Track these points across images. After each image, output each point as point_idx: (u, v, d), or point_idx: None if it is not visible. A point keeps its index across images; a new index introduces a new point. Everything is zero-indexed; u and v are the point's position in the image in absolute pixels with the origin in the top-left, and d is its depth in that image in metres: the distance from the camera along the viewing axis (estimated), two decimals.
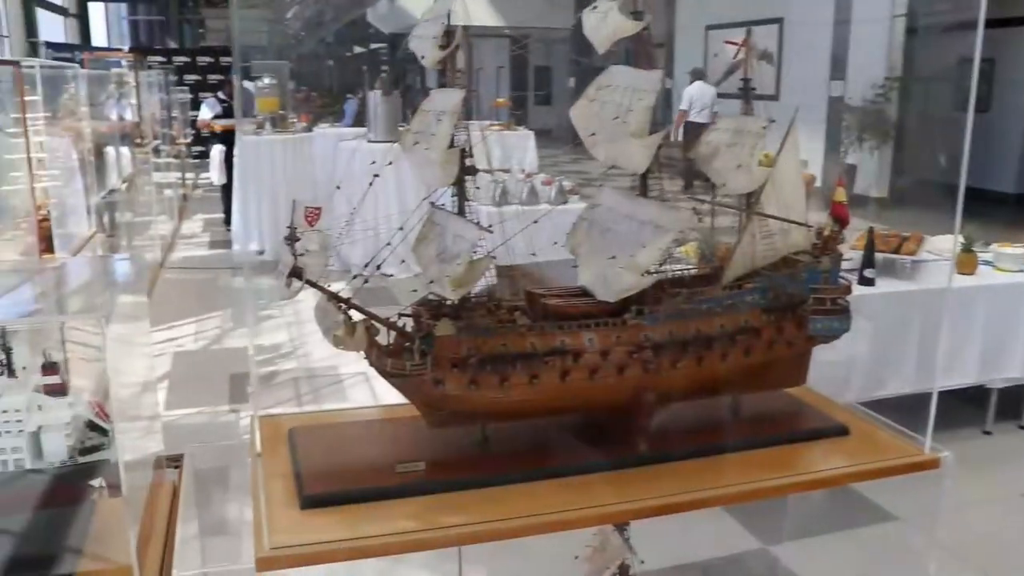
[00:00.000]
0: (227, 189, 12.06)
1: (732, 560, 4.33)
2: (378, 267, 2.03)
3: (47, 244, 5.60)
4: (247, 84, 12.71)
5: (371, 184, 2.04)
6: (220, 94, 12.56)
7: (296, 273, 1.91)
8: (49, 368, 2.28)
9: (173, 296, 9.41)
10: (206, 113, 12.20)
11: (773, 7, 14.33)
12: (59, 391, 2.27)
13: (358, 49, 28.80)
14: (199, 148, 17.03)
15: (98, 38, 27.31)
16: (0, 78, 5.92)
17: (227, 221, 12.21)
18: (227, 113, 12.04)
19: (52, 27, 22.46)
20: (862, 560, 4.30)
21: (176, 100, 16.01)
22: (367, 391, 6.29)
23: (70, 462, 2.20)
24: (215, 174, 12.05)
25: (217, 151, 11.93)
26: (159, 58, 17.99)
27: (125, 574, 2.05)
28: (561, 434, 2.38)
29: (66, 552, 2.14)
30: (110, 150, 8.88)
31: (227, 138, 11.72)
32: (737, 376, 2.37)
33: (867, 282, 4.93)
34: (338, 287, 2.06)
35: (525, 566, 3.75)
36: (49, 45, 18.19)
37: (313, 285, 1.95)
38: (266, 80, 11.61)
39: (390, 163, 2.06)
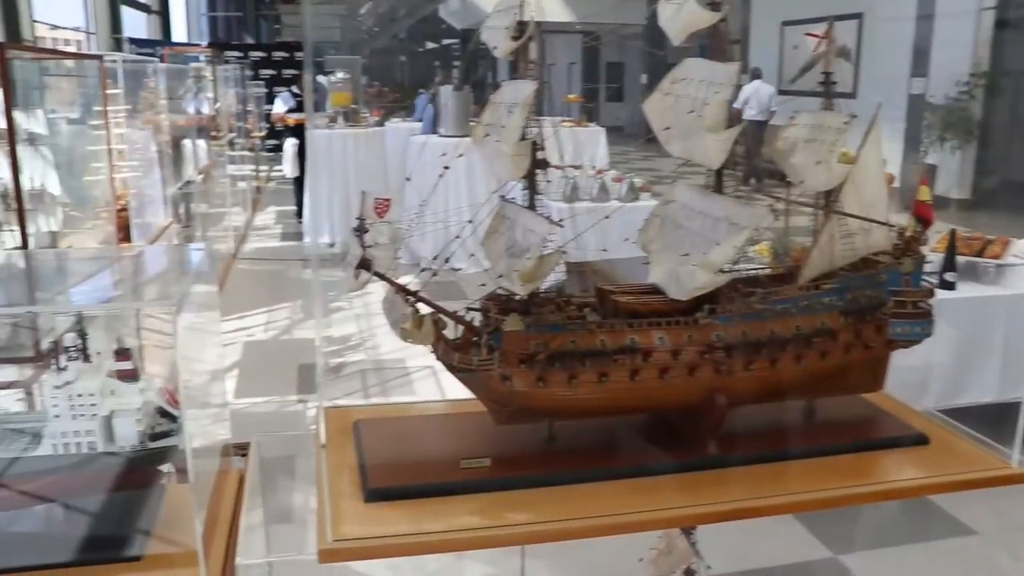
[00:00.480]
0: (299, 182, 12.23)
1: (801, 568, 4.22)
2: (447, 260, 2.00)
3: (125, 233, 5.75)
4: (320, 79, 12.89)
5: (441, 176, 2.02)
6: (294, 88, 12.77)
7: (364, 264, 1.90)
8: (122, 354, 2.31)
9: (245, 286, 9.58)
10: (280, 107, 12.41)
11: (853, 2, 13.99)
12: (131, 377, 2.30)
13: (430, 45, 29.00)
14: (273, 141, 17.31)
15: (178, 34, 28.00)
16: (86, 72, 6.09)
17: (299, 213, 12.38)
18: (301, 107, 12.23)
19: (135, 23, 23.10)
20: (939, 574, 4.16)
21: (251, 94, 16.30)
22: (434, 385, 6.32)
23: (140, 447, 2.22)
24: (288, 167, 12.24)
25: (290, 144, 12.12)
26: (236, 53, 18.29)
27: (191, 559, 2.06)
28: (629, 434, 2.33)
29: (135, 535, 2.17)
30: (187, 143, 9.08)
31: (300, 132, 11.90)
32: (812, 380, 2.29)
33: (948, 286, 4.77)
34: (406, 280, 2.05)
35: (588, 565, 3.70)
36: (132, 41, 18.68)
37: (381, 277, 1.94)
38: (339, 75, 11.75)
39: (460, 155, 2.04)
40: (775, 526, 4.28)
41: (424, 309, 2.00)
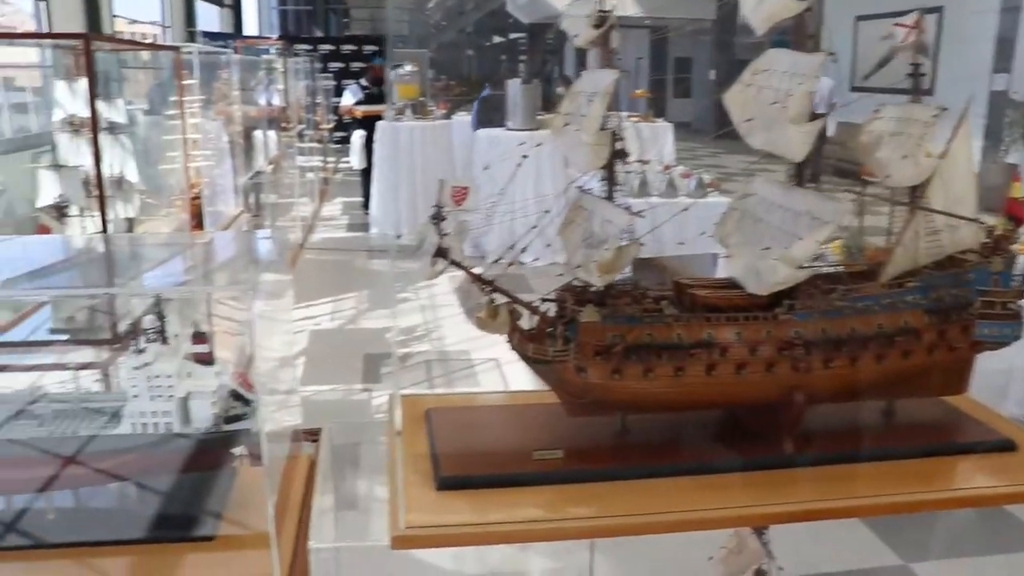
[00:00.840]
0: (366, 174, 12.34)
1: (869, 574, 4.12)
2: (523, 250, 1.99)
3: (198, 221, 5.86)
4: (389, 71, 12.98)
5: (519, 165, 2.00)
6: (362, 81, 12.87)
7: (441, 253, 1.90)
8: (199, 338, 2.35)
9: (312, 276, 9.71)
10: (348, 99, 12.52)
11: None
12: (207, 360, 2.34)
13: (497, 39, 29.01)
14: (340, 133, 17.51)
15: (249, 27, 28.49)
16: (161, 65, 6.22)
17: (366, 205, 12.50)
18: (369, 99, 12.33)
19: (209, 17, 23.58)
20: None
21: (320, 86, 16.49)
22: (498, 376, 6.34)
23: (215, 429, 2.26)
24: (355, 159, 12.36)
25: (358, 136, 12.23)
26: (305, 46, 18.54)
27: (262, 541, 2.09)
28: (701, 430, 2.30)
29: (208, 516, 2.20)
30: (258, 133, 9.23)
31: (368, 124, 12.00)
32: (893, 380, 2.23)
33: None
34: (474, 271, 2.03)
35: (657, 562, 3.66)
36: (205, 34, 19.06)
37: (458, 266, 1.93)
38: (407, 67, 11.81)
39: (539, 145, 2.02)
40: (842, 530, 4.19)
41: (499, 299, 1.99)
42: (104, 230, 4.02)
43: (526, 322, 2.06)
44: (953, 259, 2.30)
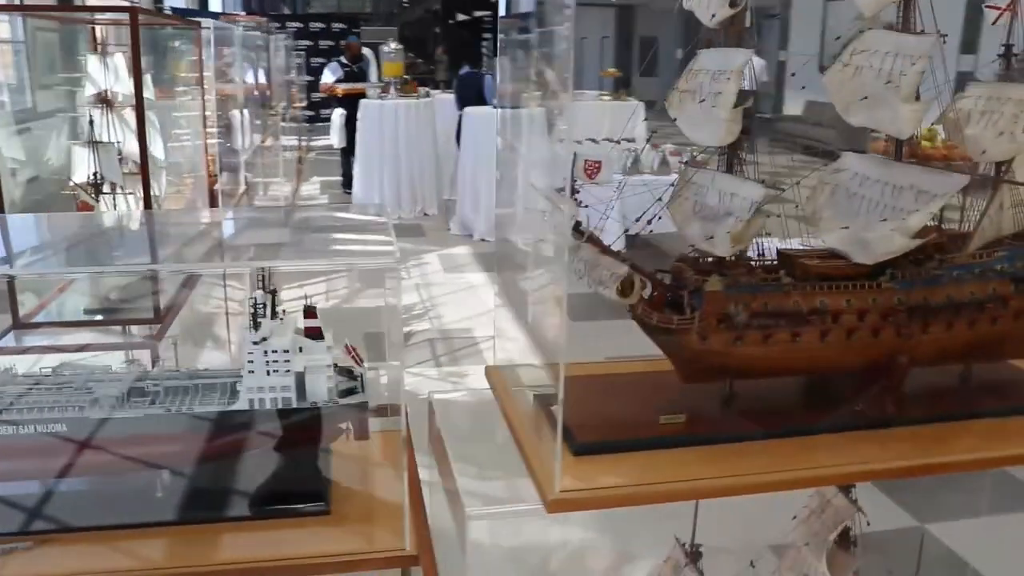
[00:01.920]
0: (346, 153, 12.27)
1: (887, 535, 4.27)
2: (648, 223, 2.07)
3: (212, 198, 5.84)
4: (366, 50, 12.90)
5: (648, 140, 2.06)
6: (342, 59, 12.77)
7: (578, 226, 1.97)
8: (310, 312, 2.39)
9: None
10: (328, 77, 12.42)
11: None
12: (318, 335, 2.38)
13: (461, 16, 28.78)
14: (309, 112, 17.36)
15: (214, 3, 27.84)
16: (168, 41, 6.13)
17: (345, 184, 12.43)
18: (348, 77, 12.25)
19: None
20: None
21: (294, 64, 16.32)
22: (501, 352, 6.40)
23: (331, 403, 2.29)
24: (336, 138, 12.28)
25: (338, 115, 12.15)
26: (274, 24, 18.28)
27: (368, 516, 2.15)
28: (800, 394, 2.41)
29: (321, 489, 2.25)
30: (246, 112, 9.15)
31: (348, 102, 11.92)
32: (981, 345, 2.36)
33: None
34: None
35: (743, 522, 3.73)
36: (173, 10, 18.67)
37: (591, 240, 2.00)
38: (392, 45, 11.75)
39: (674, 120, 2.09)
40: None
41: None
42: (148, 206, 4.00)
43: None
44: None
